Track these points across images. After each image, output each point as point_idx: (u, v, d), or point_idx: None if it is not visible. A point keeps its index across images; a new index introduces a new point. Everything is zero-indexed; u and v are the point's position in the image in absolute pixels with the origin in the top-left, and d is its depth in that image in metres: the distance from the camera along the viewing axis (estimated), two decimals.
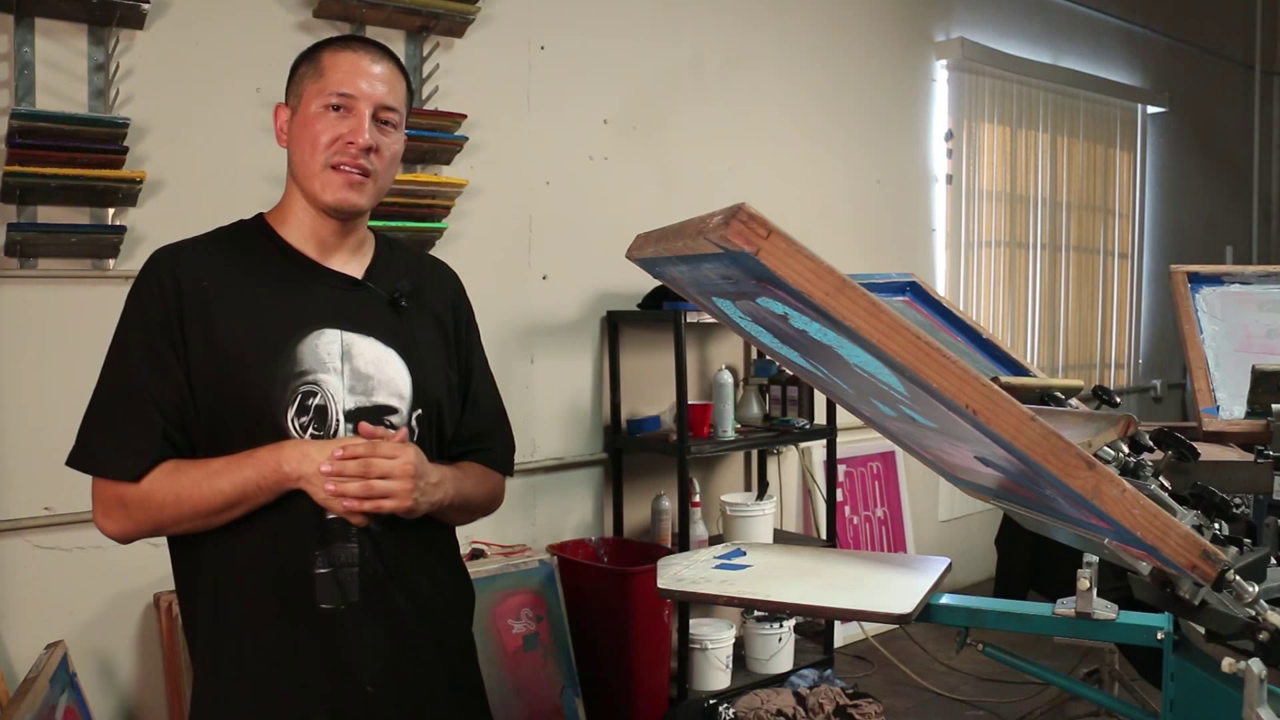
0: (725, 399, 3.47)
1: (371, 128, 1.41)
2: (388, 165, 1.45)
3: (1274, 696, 1.06)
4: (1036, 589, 3.81)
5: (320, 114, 1.41)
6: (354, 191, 1.41)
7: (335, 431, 1.39)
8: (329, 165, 1.40)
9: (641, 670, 3.15)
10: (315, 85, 1.42)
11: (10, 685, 2.38)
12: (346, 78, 1.41)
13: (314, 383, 1.38)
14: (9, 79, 2.45)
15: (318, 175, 1.41)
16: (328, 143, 1.40)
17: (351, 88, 1.40)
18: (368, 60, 1.43)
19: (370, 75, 1.42)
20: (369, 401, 1.41)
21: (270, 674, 1.38)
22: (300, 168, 1.43)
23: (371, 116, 1.41)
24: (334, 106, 1.40)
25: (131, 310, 1.41)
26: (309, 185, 1.42)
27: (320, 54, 1.44)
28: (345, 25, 2.95)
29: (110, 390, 1.39)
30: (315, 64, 1.43)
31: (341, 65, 1.41)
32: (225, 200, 2.62)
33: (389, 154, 1.45)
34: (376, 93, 1.42)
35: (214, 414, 1.37)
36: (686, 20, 3.83)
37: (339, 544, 1.38)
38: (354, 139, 1.40)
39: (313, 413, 1.38)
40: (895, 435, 1.49)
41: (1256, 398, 1.77)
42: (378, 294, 1.47)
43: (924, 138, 4.85)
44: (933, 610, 1.42)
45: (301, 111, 1.42)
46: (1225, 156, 6.94)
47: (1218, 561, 0.99)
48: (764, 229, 0.94)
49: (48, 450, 2.50)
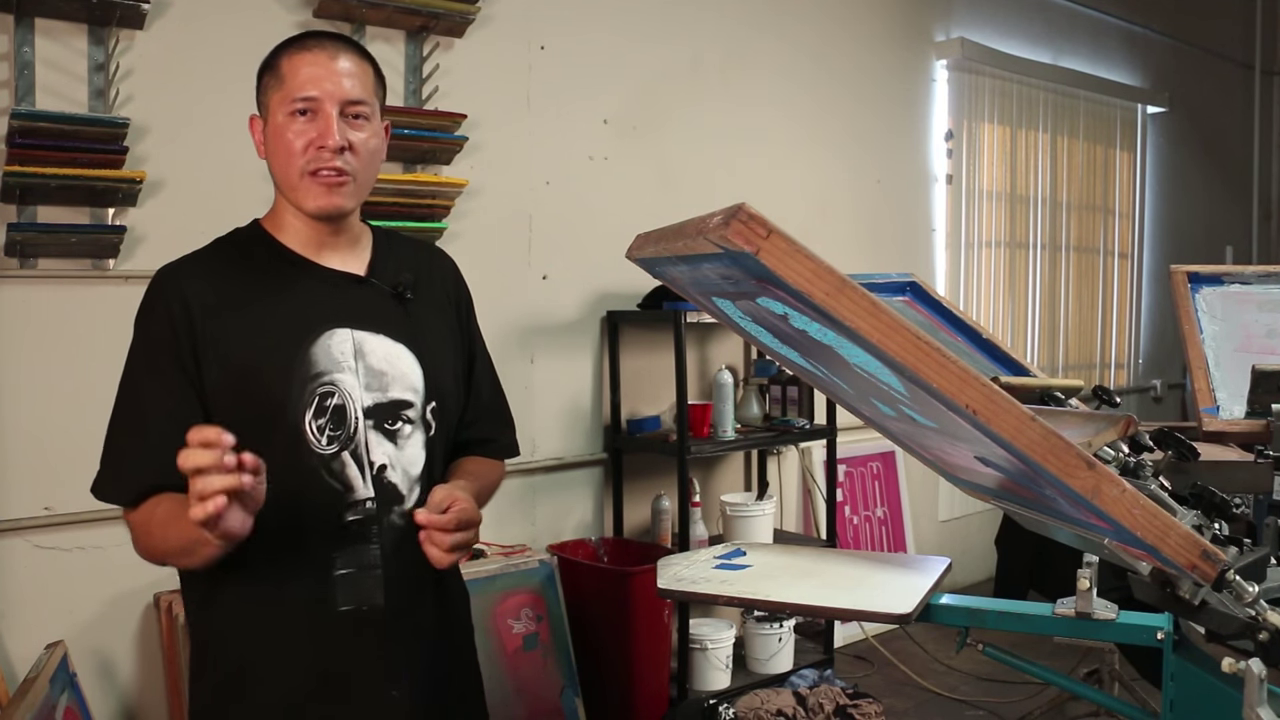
0: (725, 399, 3.47)
1: (341, 126, 1.37)
2: (367, 160, 1.42)
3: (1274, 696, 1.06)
4: (1036, 589, 3.81)
5: (287, 122, 1.37)
6: (336, 195, 1.39)
7: (354, 430, 1.38)
8: (306, 173, 1.38)
9: (641, 670, 3.15)
10: (279, 94, 1.38)
11: (10, 685, 2.38)
12: (307, 80, 1.36)
13: (331, 383, 1.38)
14: (9, 79, 2.45)
15: (297, 185, 1.39)
16: (300, 149, 1.37)
17: (313, 89, 1.36)
18: (325, 57, 1.38)
19: (331, 73, 1.37)
20: (385, 398, 1.41)
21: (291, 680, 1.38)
22: (280, 179, 1.41)
23: (339, 114, 1.37)
24: (300, 112, 1.37)
25: (138, 335, 1.40)
26: (292, 196, 1.41)
27: (278, 60, 1.40)
28: (345, 25, 2.95)
29: (117, 417, 1.39)
30: (275, 72, 1.39)
31: (300, 68, 1.37)
32: (225, 200, 2.63)
33: (365, 149, 1.41)
34: (340, 89, 1.37)
35: (232, 425, 1.36)
36: (686, 20, 3.83)
37: (359, 546, 1.37)
38: (324, 142, 1.36)
39: (330, 413, 1.37)
40: (895, 435, 1.49)
41: (1256, 398, 1.77)
42: (381, 289, 1.47)
43: (924, 138, 4.85)
44: (933, 610, 1.42)
45: (271, 122, 1.39)
46: (1225, 156, 6.94)
47: (1218, 561, 0.99)
48: (764, 229, 0.94)
49: (48, 450, 2.51)
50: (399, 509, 1.40)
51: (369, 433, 1.39)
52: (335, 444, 1.37)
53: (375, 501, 1.39)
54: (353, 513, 1.37)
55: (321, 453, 1.36)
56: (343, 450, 1.38)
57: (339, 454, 1.37)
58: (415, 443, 1.44)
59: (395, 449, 1.42)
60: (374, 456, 1.40)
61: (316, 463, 1.36)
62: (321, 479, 1.36)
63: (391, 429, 1.42)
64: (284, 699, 1.38)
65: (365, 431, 1.39)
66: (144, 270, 2.57)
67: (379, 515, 1.39)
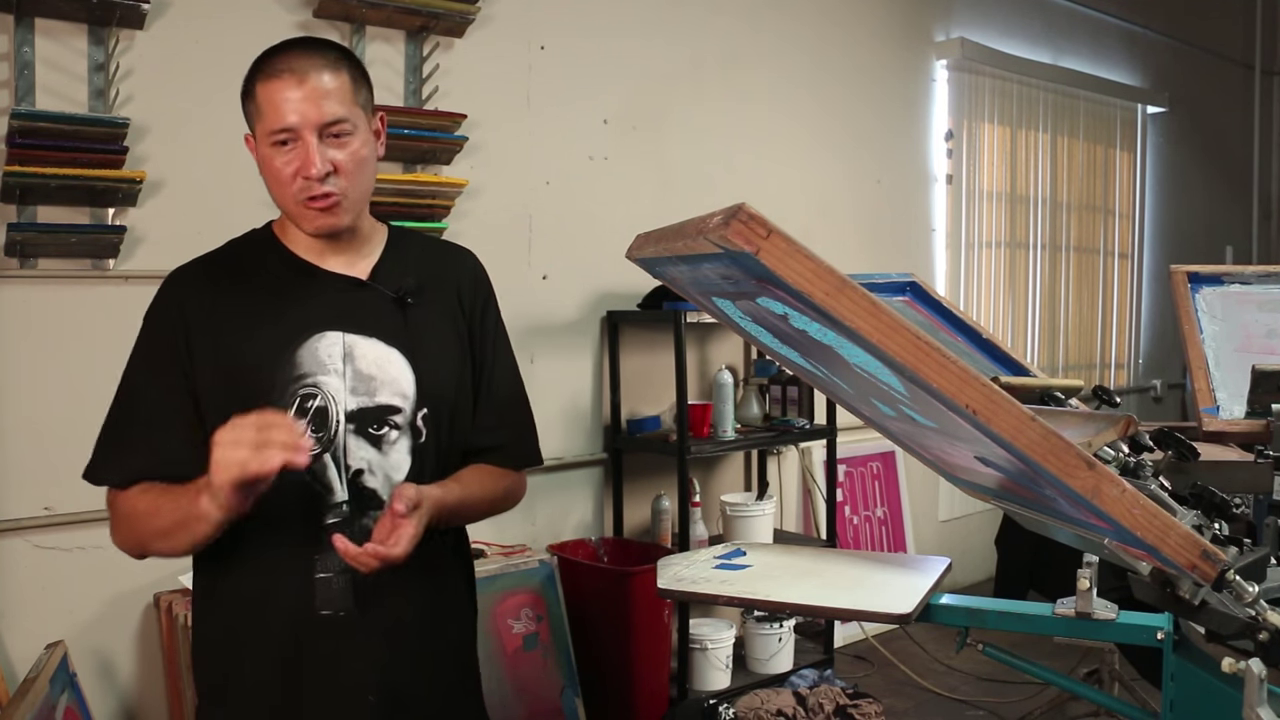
0: (725, 399, 3.47)
1: (321, 150, 1.36)
2: (355, 174, 1.40)
3: (1274, 696, 1.06)
4: (1036, 589, 3.81)
5: (273, 153, 1.37)
6: (330, 216, 1.40)
7: (335, 433, 1.39)
8: (298, 201, 1.38)
9: (641, 670, 3.15)
10: (260, 125, 1.38)
11: (10, 685, 2.38)
12: (278, 113, 1.35)
13: (314, 385, 1.39)
14: (9, 79, 2.45)
15: (293, 212, 1.41)
16: (289, 179, 1.37)
17: (289, 119, 1.35)
18: (295, 82, 1.35)
19: (304, 98, 1.35)
20: (371, 402, 1.41)
21: (272, 682, 1.38)
22: (278, 204, 1.43)
23: (320, 139, 1.36)
24: (281, 142, 1.36)
25: (143, 331, 1.44)
26: (293, 220, 1.43)
27: (254, 88, 1.38)
28: (345, 25, 2.95)
29: (114, 408, 1.42)
30: (254, 100, 1.39)
31: (272, 99, 1.35)
32: (225, 200, 2.63)
33: (352, 163, 1.39)
34: (316, 113, 1.35)
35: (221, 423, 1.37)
36: (686, 20, 3.83)
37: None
38: (306, 172, 1.36)
39: (312, 415, 1.38)
40: (895, 435, 1.49)
41: (1256, 398, 1.77)
42: (382, 293, 1.46)
43: (924, 138, 4.85)
44: (933, 610, 1.42)
45: (259, 150, 1.40)
46: (1225, 156, 6.94)
47: (1218, 561, 0.99)
48: (764, 229, 0.94)
49: (48, 450, 2.51)
50: (377, 514, 1.39)
51: (349, 437, 1.39)
52: (317, 446, 1.37)
53: (350, 505, 1.39)
54: (331, 516, 1.38)
55: None
56: (324, 452, 1.38)
57: (320, 456, 1.38)
58: (400, 448, 1.43)
59: (378, 454, 1.41)
60: (350, 460, 1.40)
61: None
62: (302, 480, 1.36)
63: (376, 434, 1.41)
64: (264, 702, 1.39)
65: (345, 435, 1.39)
66: (144, 270, 2.57)
67: (353, 519, 1.39)
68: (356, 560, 1.28)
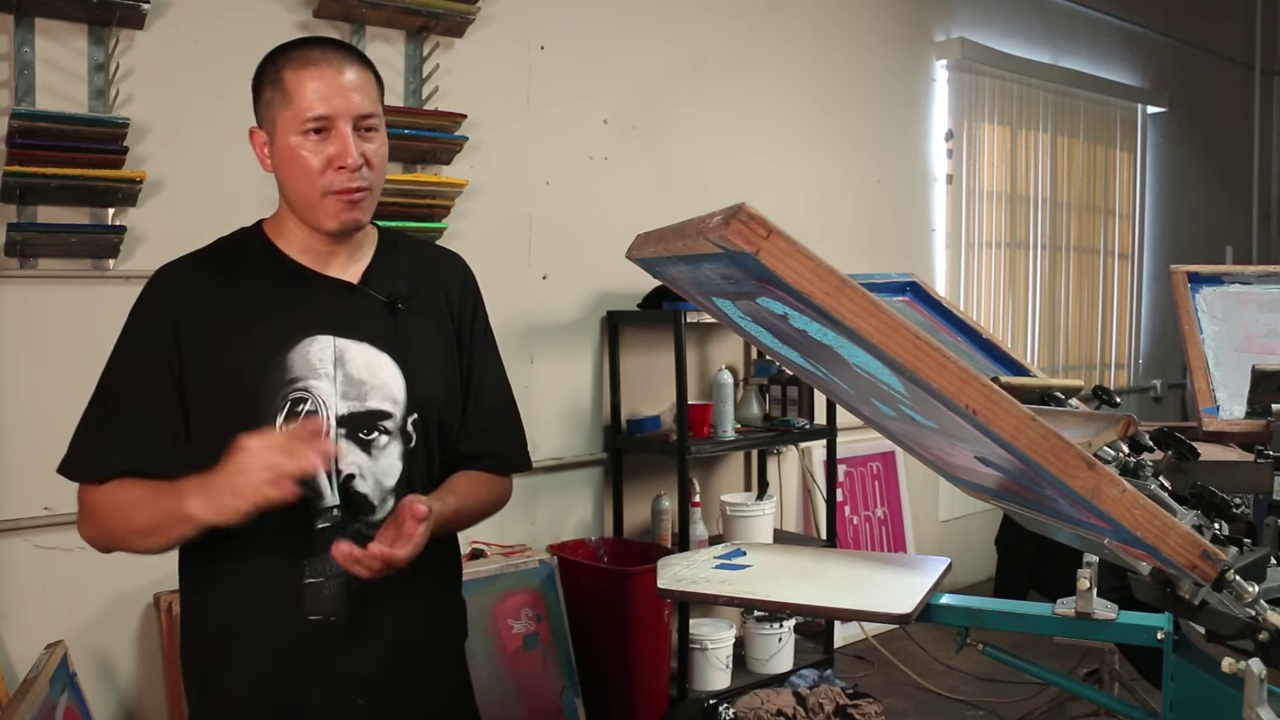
0: (725, 399, 3.47)
1: (356, 141, 1.36)
2: (380, 171, 1.42)
3: (1274, 696, 1.06)
4: (1036, 589, 3.81)
5: (301, 142, 1.35)
6: (356, 210, 1.39)
7: (326, 438, 1.37)
8: (328, 193, 1.37)
9: (641, 670, 3.15)
10: (287, 112, 1.35)
11: (10, 685, 2.38)
12: (318, 99, 1.34)
13: (304, 389, 1.38)
14: (9, 79, 2.45)
15: (318, 205, 1.38)
16: (319, 169, 1.36)
17: (324, 108, 1.34)
18: (331, 72, 1.35)
19: (340, 88, 1.35)
20: (362, 407, 1.40)
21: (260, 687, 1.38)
22: (296, 199, 1.40)
23: (352, 129, 1.36)
24: (314, 130, 1.35)
25: (127, 327, 1.42)
26: (309, 215, 1.40)
27: (282, 74, 1.36)
28: (345, 25, 2.95)
29: (94, 402, 1.41)
30: (280, 88, 1.36)
31: (308, 85, 1.34)
32: (225, 200, 2.63)
33: (379, 160, 1.41)
34: (352, 105, 1.35)
35: (209, 425, 1.36)
36: (686, 20, 3.83)
37: (328, 555, 1.34)
38: (343, 162, 1.35)
39: (303, 419, 1.37)
40: (895, 435, 1.49)
41: (1256, 398, 1.77)
42: (374, 298, 1.45)
43: (924, 138, 4.85)
44: (933, 610, 1.42)
45: (280, 141, 1.37)
46: (1225, 156, 6.94)
47: (1218, 561, 0.99)
48: (764, 229, 0.94)
49: (48, 450, 2.48)
50: (368, 519, 1.39)
51: (341, 441, 1.38)
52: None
53: (341, 510, 1.39)
54: (322, 520, 1.37)
55: None
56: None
57: None
58: (391, 453, 1.42)
59: (369, 459, 1.40)
60: (342, 465, 1.39)
61: None
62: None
63: (366, 438, 1.41)
64: (252, 708, 1.38)
65: (337, 440, 1.38)
66: (144, 270, 2.56)
67: (345, 524, 1.38)
68: (362, 562, 1.27)
